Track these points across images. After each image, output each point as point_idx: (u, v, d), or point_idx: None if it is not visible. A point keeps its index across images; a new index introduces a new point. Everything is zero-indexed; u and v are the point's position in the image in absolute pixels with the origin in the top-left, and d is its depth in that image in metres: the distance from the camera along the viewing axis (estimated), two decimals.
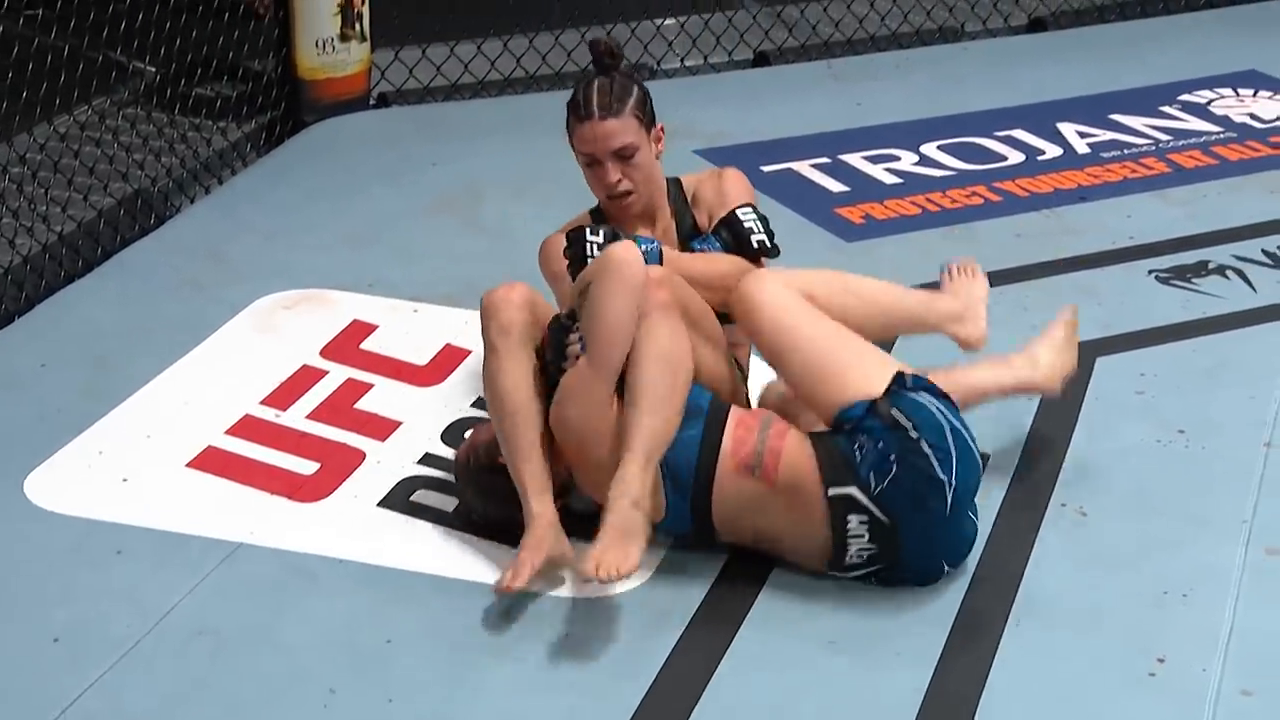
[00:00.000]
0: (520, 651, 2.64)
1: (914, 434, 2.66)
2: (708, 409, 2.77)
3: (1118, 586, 2.81)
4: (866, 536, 2.69)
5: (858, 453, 2.68)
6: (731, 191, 3.08)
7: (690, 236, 3.06)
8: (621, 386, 2.72)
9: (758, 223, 3.00)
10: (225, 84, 4.66)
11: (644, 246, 2.89)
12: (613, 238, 2.91)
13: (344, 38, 4.61)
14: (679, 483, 2.73)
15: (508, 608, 2.72)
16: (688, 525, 2.78)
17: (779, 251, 3.01)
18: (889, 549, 2.71)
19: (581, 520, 2.76)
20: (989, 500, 3.01)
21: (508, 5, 5.11)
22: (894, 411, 2.67)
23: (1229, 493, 3.05)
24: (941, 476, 2.67)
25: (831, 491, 2.68)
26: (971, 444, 2.74)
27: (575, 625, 2.69)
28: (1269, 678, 2.60)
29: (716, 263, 2.96)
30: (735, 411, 2.79)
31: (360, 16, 4.64)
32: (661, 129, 3.07)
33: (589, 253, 2.89)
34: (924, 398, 2.72)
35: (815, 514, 2.70)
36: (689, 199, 3.12)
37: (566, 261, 2.93)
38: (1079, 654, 2.65)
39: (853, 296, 2.91)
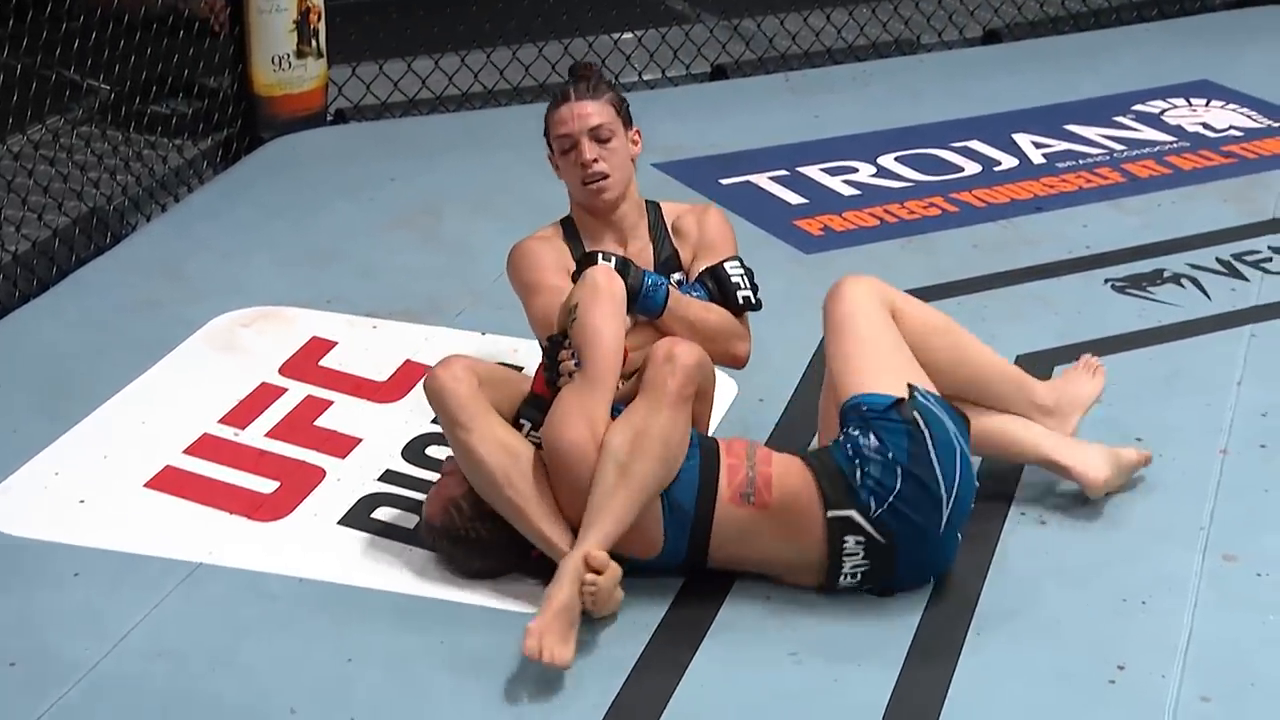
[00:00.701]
0: (482, 669, 2.63)
1: (929, 444, 2.71)
2: (697, 439, 2.79)
3: (1077, 595, 2.82)
4: (861, 554, 2.73)
5: (858, 474, 2.70)
6: (719, 239, 3.09)
7: (668, 265, 3.06)
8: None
9: (744, 277, 3.02)
10: (181, 101, 4.64)
11: (650, 281, 2.90)
12: (621, 265, 2.89)
13: (300, 54, 4.60)
14: (680, 513, 2.73)
15: (469, 626, 2.72)
16: (681, 557, 2.78)
17: (761, 306, 3.03)
18: (882, 567, 2.74)
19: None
20: None
21: (464, 20, 5.11)
22: (916, 414, 2.73)
23: (1186, 500, 3.07)
24: (941, 494, 2.71)
25: (830, 514, 2.71)
26: (972, 472, 2.79)
27: None
28: (1227, 684, 2.62)
29: (711, 312, 2.98)
30: (720, 440, 2.82)
31: (316, 33, 4.63)
32: (638, 132, 3.08)
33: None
34: (943, 414, 2.77)
35: (813, 535, 2.73)
36: (669, 227, 3.12)
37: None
38: (1039, 662, 2.67)
39: (945, 339, 2.96)
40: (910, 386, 2.78)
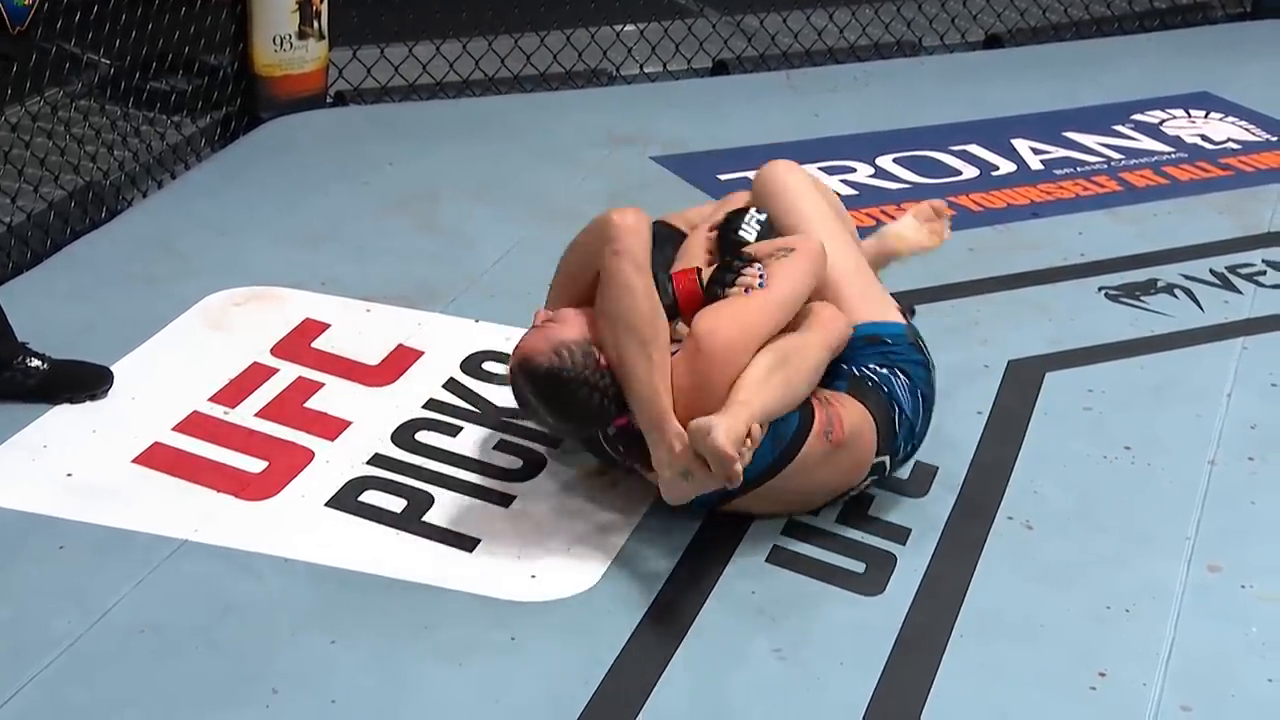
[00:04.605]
0: (465, 655, 2.63)
1: (932, 371, 2.97)
2: None
3: (1061, 600, 2.83)
4: (865, 486, 2.97)
5: (896, 422, 2.91)
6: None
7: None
8: None
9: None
10: (181, 78, 4.63)
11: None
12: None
13: (302, 35, 4.59)
14: (779, 438, 2.80)
15: (453, 611, 2.72)
16: (750, 474, 2.77)
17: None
18: (863, 493, 3.00)
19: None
20: (937, 511, 3.03)
21: (467, 7, 5.10)
22: (920, 341, 2.99)
23: (1173, 509, 3.08)
24: (930, 415, 3.00)
25: (876, 459, 2.92)
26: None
27: (521, 629, 2.69)
28: (1208, 694, 2.63)
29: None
30: None
31: (319, 14, 4.62)
32: None
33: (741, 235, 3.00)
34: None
35: (857, 471, 2.91)
36: None
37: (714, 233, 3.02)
38: (1021, 667, 2.67)
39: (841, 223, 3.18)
40: (902, 310, 3.01)
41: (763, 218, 3.03)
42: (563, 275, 2.93)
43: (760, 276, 2.83)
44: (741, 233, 3.00)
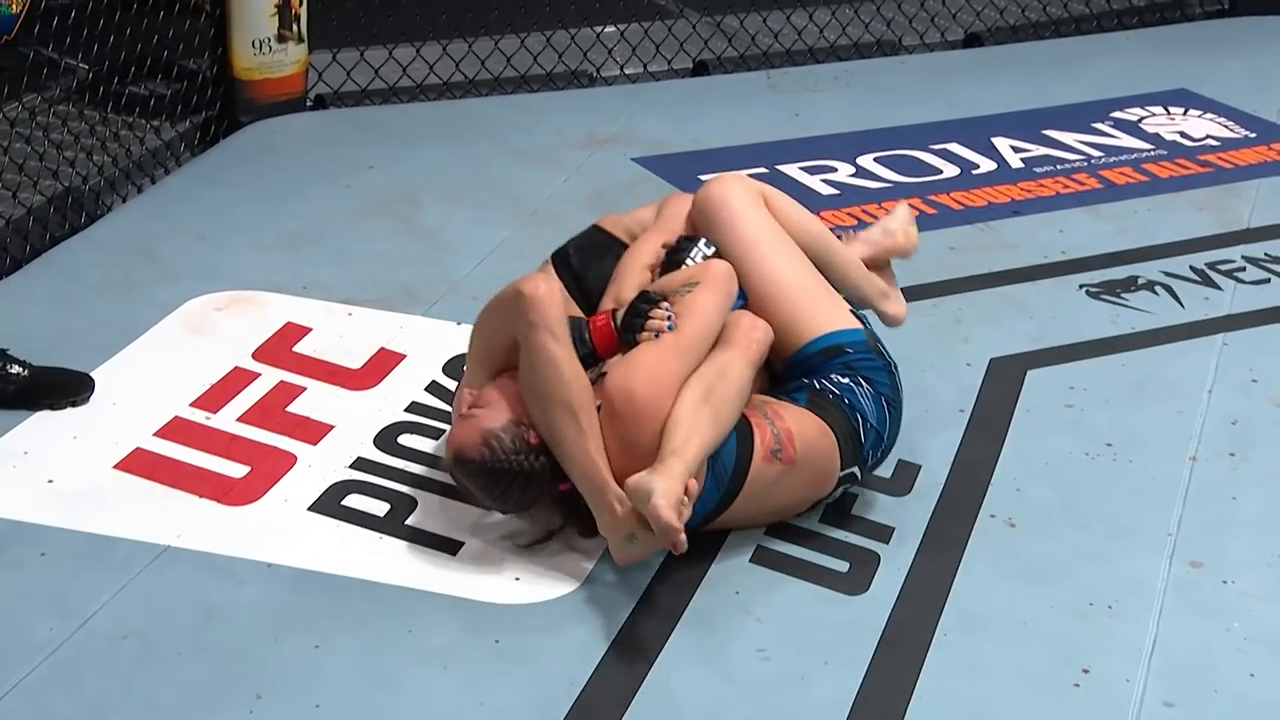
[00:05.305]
0: (450, 658, 2.63)
1: (896, 374, 2.97)
2: None
3: (1044, 597, 2.84)
4: (840, 494, 2.96)
5: (861, 431, 2.90)
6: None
7: None
8: None
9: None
10: (160, 82, 4.61)
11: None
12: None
13: (281, 38, 4.58)
14: (720, 473, 2.78)
15: (436, 615, 2.72)
16: (698, 519, 2.79)
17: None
18: (845, 493, 3.00)
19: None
20: (920, 509, 3.04)
21: (447, 9, 5.10)
22: (879, 345, 2.98)
23: (1155, 506, 3.09)
24: (900, 413, 2.97)
25: (843, 471, 2.91)
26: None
27: (506, 632, 2.69)
28: (1191, 690, 2.64)
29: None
30: None
31: (298, 17, 4.61)
32: None
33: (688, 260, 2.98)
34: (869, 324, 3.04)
35: (824, 484, 2.91)
36: None
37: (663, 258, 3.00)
38: (1005, 664, 2.68)
39: (809, 233, 3.13)
40: (854, 314, 3.00)
41: (710, 251, 2.97)
42: (478, 348, 2.88)
43: (669, 318, 2.79)
44: (686, 266, 2.96)
